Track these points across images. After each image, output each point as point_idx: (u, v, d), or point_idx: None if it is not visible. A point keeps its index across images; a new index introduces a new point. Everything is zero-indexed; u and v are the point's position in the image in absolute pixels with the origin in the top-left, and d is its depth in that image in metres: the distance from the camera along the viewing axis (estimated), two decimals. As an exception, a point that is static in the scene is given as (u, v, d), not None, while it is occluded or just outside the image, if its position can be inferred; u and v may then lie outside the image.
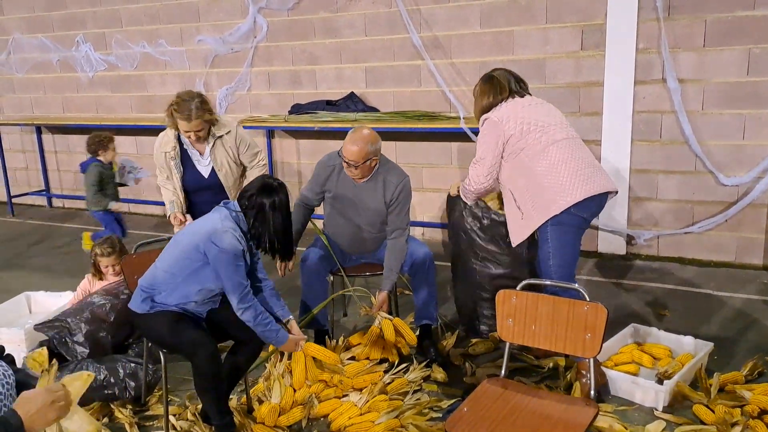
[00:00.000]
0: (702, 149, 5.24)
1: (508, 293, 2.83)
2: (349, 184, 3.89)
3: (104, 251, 4.20)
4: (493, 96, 3.68)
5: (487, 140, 3.61)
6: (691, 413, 3.33)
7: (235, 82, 7.11)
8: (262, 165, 4.36)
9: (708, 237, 5.45)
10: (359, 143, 3.72)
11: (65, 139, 8.52)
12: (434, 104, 6.19)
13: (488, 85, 3.73)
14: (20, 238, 7.41)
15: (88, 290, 4.26)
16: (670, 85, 5.19)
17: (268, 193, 3.13)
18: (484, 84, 3.75)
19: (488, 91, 3.71)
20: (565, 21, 5.51)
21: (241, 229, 3.13)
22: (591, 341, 2.66)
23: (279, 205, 3.14)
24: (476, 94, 3.78)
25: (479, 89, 3.76)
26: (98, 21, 7.79)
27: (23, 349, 4.05)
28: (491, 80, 3.73)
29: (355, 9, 6.35)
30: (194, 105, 3.94)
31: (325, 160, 4.00)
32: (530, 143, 3.51)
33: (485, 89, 3.73)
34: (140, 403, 3.64)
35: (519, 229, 3.63)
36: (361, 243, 4.07)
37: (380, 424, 3.30)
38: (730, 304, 4.70)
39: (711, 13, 5.03)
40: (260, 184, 3.17)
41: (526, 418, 2.61)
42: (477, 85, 3.79)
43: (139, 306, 3.21)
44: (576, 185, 3.41)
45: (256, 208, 3.12)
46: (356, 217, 3.96)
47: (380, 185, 3.86)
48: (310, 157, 6.95)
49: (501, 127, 3.55)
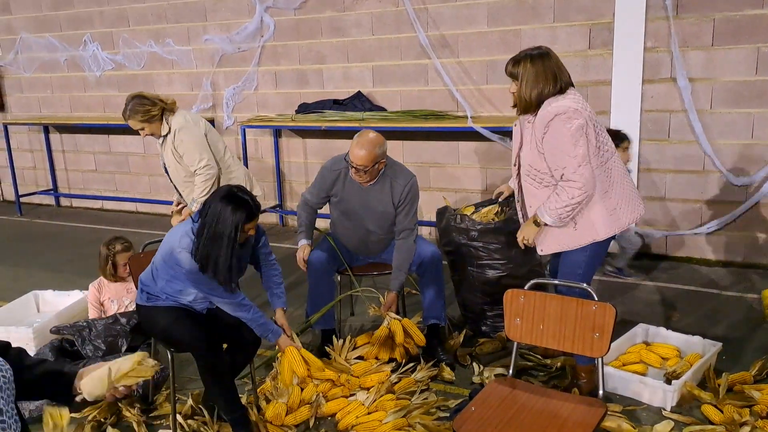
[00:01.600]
0: (711, 148, 5.23)
1: (515, 293, 2.82)
2: (355, 188, 3.88)
3: (122, 246, 4.24)
4: (555, 80, 3.08)
5: (576, 135, 3.01)
6: (700, 413, 3.32)
7: (242, 81, 7.12)
8: (202, 168, 4.35)
9: (716, 236, 5.42)
10: (367, 147, 3.70)
11: (73, 138, 8.54)
12: (441, 103, 6.18)
13: (549, 64, 3.08)
14: (28, 238, 7.44)
15: (99, 299, 4.26)
16: (680, 84, 5.17)
17: (226, 202, 2.97)
18: (540, 62, 3.09)
19: (549, 73, 3.08)
20: (572, 20, 5.49)
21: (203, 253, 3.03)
22: (599, 341, 2.65)
23: (229, 221, 2.96)
24: (527, 76, 3.08)
25: (533, 70, 3.07)
26: (105, 20, 7.81)
27: (31, 348, 4.07)
28: (549, 57, 3.11)
29: (362, 8, 6.35)
30: (129, 107, 4.28)
31: (329, 164, 3.97)
32: (604, 144, 3.17)
33: (544, 69, 3.08)
34: (148, 402, 3.65)
35: (564, 240, 3.25)
36: (368, 245, 4.07)
37: (387, 423, 3.29)
38: (739, 304, 4.68)
39: (719, 12, 5.01)
40: (226, 192, 3.03)
41: (534, 417, 2.60)
42: (524, 65, 3.10)
43: (139, 297, 3.30)
44: (638, 197, 3.32)
45: (208, 215, 2.99)
46: (364, 220, 3.95)
47: (387, 187, 3.85)
48: (317, 157, 6.96)
49: (587, 117, 3.05)
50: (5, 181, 9.21)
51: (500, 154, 5.95)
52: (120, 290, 4.26)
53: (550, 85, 3.08)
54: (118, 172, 8.35)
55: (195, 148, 4.35)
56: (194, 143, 4.35)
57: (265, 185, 7.32)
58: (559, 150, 3.04)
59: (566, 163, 3.03)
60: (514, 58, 3.19)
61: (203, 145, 4.37)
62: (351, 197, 3.91)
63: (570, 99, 3.08)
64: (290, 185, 7.23)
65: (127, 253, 4.22)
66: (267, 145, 7.22)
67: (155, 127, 4.36)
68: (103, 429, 3.45)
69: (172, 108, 4.41)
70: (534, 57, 3.11)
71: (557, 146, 3.05)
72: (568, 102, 3.06)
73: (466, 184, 6.28)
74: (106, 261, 4.23)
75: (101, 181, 8.52)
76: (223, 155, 4.54)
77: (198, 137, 4.37)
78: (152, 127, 4.36)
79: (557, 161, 3.07)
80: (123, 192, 8.39)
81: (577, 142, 3.01)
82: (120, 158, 8.28)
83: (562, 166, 3.05)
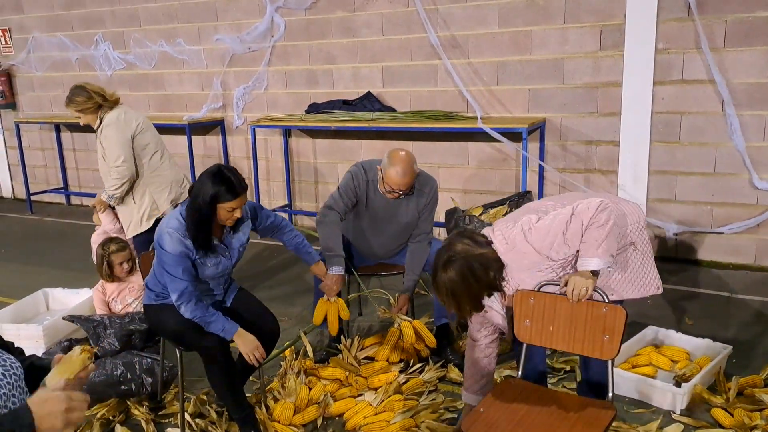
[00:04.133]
0: (718, 151, 5.21)
1: (525, 294, 2.81)
2: (382, 199, 3.80)
3: (116, 247, 4.23)
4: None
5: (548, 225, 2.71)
6: (710, 416, 3.30)
7: (252, 81, 7.13)
8: (115, 167, 4.43)
9: (727, 239, 5.39)
10: (409, 171, 3.61)
11: (84, 137, 8.58)
12: (451, 104, 6.17)
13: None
14: (38, 236, 7.48)
15: (104, 300, 4.26)
16: (717, 80, 5.05)
17: (208, 177, 2.98)
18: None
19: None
20: (583, 21, 5.47)
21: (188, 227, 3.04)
22: (609, 343, 2.63)
23: (208, 194, 2.96)
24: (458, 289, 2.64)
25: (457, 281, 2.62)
26: (117, 20, 7.84)
27: (41, 345, 4.10)
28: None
29: (373, 8, 6.34)
30: (68, 95, 4.56)
31: (358, 171, 3.82)
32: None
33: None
34: (156, 400, 3.66)
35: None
36: (384, 251, 4.05)
37: (395, 423, 3.29)
38: (749, 307, 4.65)
39: (731, 14, 4.98)
40: (213, 169, 3.02)
41: (543, 419, 2.60)
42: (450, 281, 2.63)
43: (147, 298, 3.29)
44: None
45: (194, 192, 3.03)
46: (386, 231, 3.91)
47: (414, 197, 3.81)
48: (326, 157, 6.96)
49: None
50: (16, 179, 9.27)
51: (509, 155, 5.94)
52: (121, 289, 4.26)
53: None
54: (128, 171, 8.37)
55: (116, 146, 4.43)
56: (117, 142, 4.43)
57: (275, 185, 7.34)
58: (556, 237, 2.69)
59: (571, 240, 2.68)
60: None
61: (125, 146, 4.45)
62: (378, 208, 3.84)
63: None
64: (299, 185, 7.24)
65: (122, 253, 4.21)
66: (276, 144, 7.23)
67: (90, 119, 4.54)
68: (111, 427, 3.46)
69: (113, 104, 4.56)
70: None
71: (552, 235, 2.69)
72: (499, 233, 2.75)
73: (475, 185, 6.27)
74: (101, 262, 4.23)
75: (111, 180, 8.54)
76: (149, 159, 4.59)
77: (122, 137, 4.44)
78: (87, 118, 4.54)
79: (568, 244, 2.71)
80: (133, 191, 8.41)
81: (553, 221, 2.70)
82: (130, 157, 8.30)
83: (575, 244, 2.70)
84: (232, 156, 7.55)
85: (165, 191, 4.61)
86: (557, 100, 5.71)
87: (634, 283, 2.94)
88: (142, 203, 4.56)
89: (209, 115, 7.42)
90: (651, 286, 2.98)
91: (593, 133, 5.65)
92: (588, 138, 5.69)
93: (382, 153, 6.82)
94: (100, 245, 4.29)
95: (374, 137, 6.55)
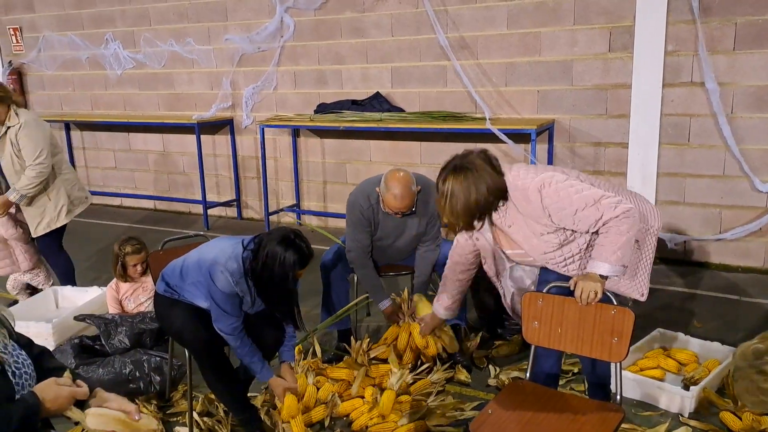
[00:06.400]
0: (726, 153, 5.19)
1: (534, 295, 2.81)
2: (390, 217, 3.84)
3: (133, 248, 4.19)
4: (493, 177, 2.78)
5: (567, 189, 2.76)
6: (718, 420, 3.29)
7: (261, 81, 7.14)
8: (36, 164, 4.47)
9: (736, 242, 5.37)
10: (408, 194, 3.65)
11: (93, 136, 8.62)
12: (460, 105, 6.17)
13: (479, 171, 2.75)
14: (48, 233, 7.50)
15: (117, 298, 4.26)
16: (708, 86, 5.09)
17: (285, 246, 2.96)
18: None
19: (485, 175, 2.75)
20: (592, 22, 5.46)
21: (245, 272, 3.03)
22: (618, 345, 2.63)
23: (286, 262, 2.95)
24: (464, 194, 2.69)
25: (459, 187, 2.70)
26: (127, 19, 7.88)
27: (51, 343, 4.11)
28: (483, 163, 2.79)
29: (382, 9, 6.35)
30: None
31: (356, 201, 3.84)
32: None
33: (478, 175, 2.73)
34: (164, 399, 3.67)
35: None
36: (397, 256, 4.06)
37: (403, 426, 3.29)
38: (758, 310, 4.63)
39: (742, 16, 4.96)
40: (283, 236, 3.01)
41: (551, 421, 2.60)
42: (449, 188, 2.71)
43: (159, 286, 3.26)
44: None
45: (264, 256, 2.96)
46: (395, 243, 3.95)
47: (422, 209, 3.83)
48: (335, 156, 6.97)
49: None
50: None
51: (518, 156, 5.93)
52: (135, 289, 4.26)
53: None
54: (137, 169, 8.42)
55: (40, 141, 4.48)
56: (40, 137, 4.49)
57: (283, 185, 7.35)
58: (568, 207, 2.73)
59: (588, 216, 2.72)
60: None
61: (46, 140, 4.52)
62: (387, 226, 3.88)
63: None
64: (308, 185, 7.25)
65: (138, 255, 4.17)
66: (285, 144, 7.24)
67: (1, 111, 4.45)
68: (120, 425, 3.47)
69: (19, 106, 4.58)
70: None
71: (567, 204, 2.73)
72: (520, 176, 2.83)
73: (483, 186, 6.26)
74: (116, 261, 4.20)
75: (121, 179, 8.59)
76: (58, 159, 4.70)
77: (44, 132, 4.54)
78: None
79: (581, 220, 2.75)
80: (142, 189, 8.45)
81: (574, 193, 2.73)
82: (139, 156, 8.34)
83: (592, 220, 2.72)
84: (240, 155, 7.57)
85: (75, 188, 4.83)
86: (566, 102, 5.70)
87: (621, 278, 2.96)
88: (58, 200, 4.68)
89: (218, 115, 7.44)
90: (636, 290, 3.03)
91: (602, 135, 5.64)
92: (597, 140, 5.68)
93: (391, 153, 6.82)
94: (117, 243, 4.25)
95: (383, 137, 6.56)
